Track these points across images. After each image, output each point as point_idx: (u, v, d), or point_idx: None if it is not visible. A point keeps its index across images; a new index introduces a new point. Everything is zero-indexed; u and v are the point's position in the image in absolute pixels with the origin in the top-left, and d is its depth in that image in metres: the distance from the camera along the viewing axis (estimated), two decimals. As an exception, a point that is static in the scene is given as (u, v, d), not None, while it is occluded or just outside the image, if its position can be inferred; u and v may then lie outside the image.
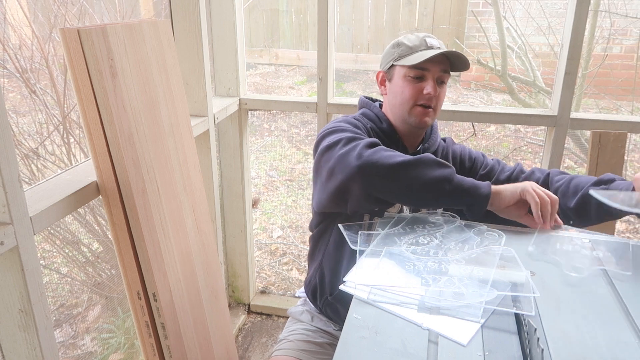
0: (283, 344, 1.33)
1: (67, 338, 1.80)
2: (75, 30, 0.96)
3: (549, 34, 3.47)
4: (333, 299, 1.29)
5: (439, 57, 1.19)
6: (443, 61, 1.21)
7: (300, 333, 1.34)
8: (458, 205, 1.05)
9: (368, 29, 5.31)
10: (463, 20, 4.82)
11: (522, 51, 3.11)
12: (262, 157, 4.04)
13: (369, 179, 1.03)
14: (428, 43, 1.21)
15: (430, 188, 1.02)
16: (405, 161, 1.02)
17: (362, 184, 1.03)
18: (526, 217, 1.06)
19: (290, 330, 1.36)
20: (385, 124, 1.27)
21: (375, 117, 1.28)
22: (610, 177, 1.13)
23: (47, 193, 1.01)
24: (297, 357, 1.27)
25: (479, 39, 4.66)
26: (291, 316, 1.43)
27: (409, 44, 1.22)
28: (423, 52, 1.19)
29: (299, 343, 1.31)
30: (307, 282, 1.38)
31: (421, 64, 1.18)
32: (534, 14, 3.52)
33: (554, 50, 3.56)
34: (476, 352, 0.67)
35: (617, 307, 0.76)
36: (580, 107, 3.32)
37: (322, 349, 1.30)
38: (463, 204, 1.04)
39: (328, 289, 1.30)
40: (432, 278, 0.82)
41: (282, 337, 1.36)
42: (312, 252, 1.37)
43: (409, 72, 1.21)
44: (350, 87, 5.00)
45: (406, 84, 1.21)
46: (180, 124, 1.31)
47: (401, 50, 1.23)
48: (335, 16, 1.81)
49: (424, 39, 1.22)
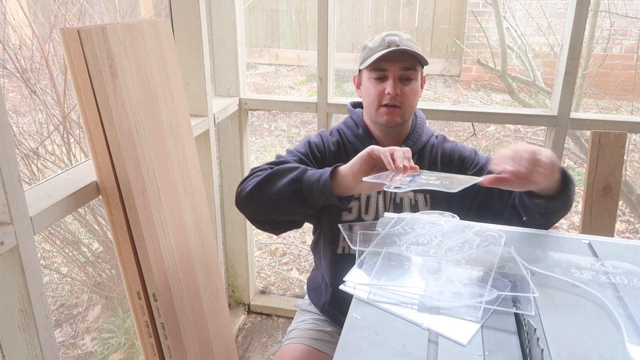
0: (293, 333, 1.33)
1: (67, 338, 1.80)
2: (76, 30, 0.96)
3: (549, 34, 3.47)
4: (329, 306, 1.30)
5: (398, 55, 1.18)
6: (404, 58, 1.20)
7: (310, 322, 1.34)
8: (318, 199, 1.04)
9: (368, 29, 5.30)
10: (463, 20, 4.82)
11: (522, 51, 3.11)
12: (262, 157, 4.04)
13: (243, 209, 1.14)
14: (387, 42, 1.20)
15: (287, 195, 1.05)
16: (258, 181, 1.08)
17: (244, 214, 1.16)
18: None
19: (300, 321, 1.36)
20: (362, 129, 1.28)
21: (354, 124, 1.30)
22: None
23: (47, 193, 1.01)
24: (308, 345, 1.27)
25: (479, 39, 4.66)
26: (299, 308, 1.43)
27: (370, 46, 1.23)
28: (379, 53, 1.19)
29: (310, 332, 1.31)
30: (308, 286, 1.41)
31: (376, 65, 1.19)
32: (534, 14, 3.52)
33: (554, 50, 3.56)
34: (476, 352, 0.67)
35: (617, 307, 0.76)
36: (580, 107, 3.32)
37: (332, 338, 1.30)
38: (320, 195, 1.02)
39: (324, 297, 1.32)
40: (432, 278, 0.82)
41: (292, 328, 1.36)
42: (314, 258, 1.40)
43: (371, 74, 1.22)
44: (350, 87, 5.00)
45: (370, 86, 1.22)
46: (180, 124, 1.31)
47: (364, 53, 1.24)
48: (335, 16, 1.81)
49: (384, 38, 1.21)
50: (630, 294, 0.79)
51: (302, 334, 1.30)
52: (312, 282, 1.39)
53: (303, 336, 1.30)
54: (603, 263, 0.90)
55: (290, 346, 1.28)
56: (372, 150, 0.98)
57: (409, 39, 1.23)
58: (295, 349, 1.26)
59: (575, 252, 0.94)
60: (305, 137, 1.30)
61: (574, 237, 1.01)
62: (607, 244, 0.98)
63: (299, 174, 1.05)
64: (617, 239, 1.01)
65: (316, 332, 1.31)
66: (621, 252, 0.94)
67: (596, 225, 1.73)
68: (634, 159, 3.76)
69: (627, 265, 0.89)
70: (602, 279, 0.84)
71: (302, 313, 1.40)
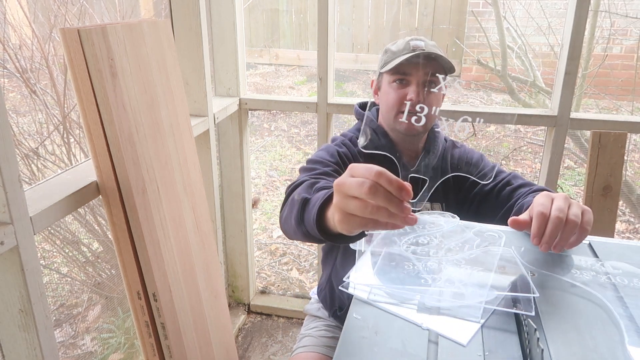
0: (306, 341, 1.30)
1: (67, 338, 1.80)
2: (76, 30, 0.96)
3: (549, 34, 3.47)
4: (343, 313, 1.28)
5: (423, 59, 1.14)
6: (429, 64, 1.16)
7: (322, 329, 1.32)
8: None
9: (368, 29, 5.31)
10: (463, 20, 4.82)
11: (522, 51, 3.11)
12: (262, 157, 4.04)
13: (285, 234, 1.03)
14: (412, 46, 1.16)
15: (302, 236, 0.92)
16: (280, 216, 1.00)
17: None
18: None
19: (311, 327, 1.34)
20: (384, 139, 1.22)
21: (376, 136, 1.23)
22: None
23: (47, 193, 1.01)
24: (322, 354, 1.25)
25: (479, 39, 4.66)
26: (308, 314, 1.41)
27: (393, 49, 1.19)
28: (403, 56, 1.15)
29: (323, 339, 1.29)
30: (319, 289, 1.38)
31: (399, 68, 1.15)
32: (534, 14, 3.52)
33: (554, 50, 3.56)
34: (476, 352, 0.67)
35: (617, 307, 0.76)
36: (580, 107, 3.32)
37: None
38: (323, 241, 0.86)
39: (337, 302, 1.29)
40: (432, 278, 0.82)
41: (304, 334, 1.33)
42: (324, 261, 1.36)
43: (392, 77, 1.17)
44: (350, 87, 5.00)
45: (391, 90, 1.18)
46: (180, 124, 1.31)
47: (387, 56, 1.20)
48: (335, 16, 1.81)
49: (409, 42, 1.18)
50: (630, 294, 0.79)
51: (315, 342, 1.28)
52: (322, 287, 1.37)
53: (317, 344, 1.28)
54: (603, 263, 0.90)
55: (305, 354, 1.26)
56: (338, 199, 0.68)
57: (434, 45, 1.20)
58: (309, 357, 1.25)
59: (576, 252, 0.94)
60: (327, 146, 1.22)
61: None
62: (607, 244, 0.98)
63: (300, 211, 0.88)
64: (617, 239, 1.01)
65: (329, 339, 1.29)
66: (621, 252, 0.94)
67: (596, 225, 1.72)
68: (634, 159, 3.76)
69: (627, 265, 0.89)
70: (602, 279, 0.84)
71: (313, 319, 1.37)
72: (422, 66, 1.16)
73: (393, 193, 0.62)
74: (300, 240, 1.03)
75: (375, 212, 0.63)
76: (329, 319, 1.35)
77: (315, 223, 0.80)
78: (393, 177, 0.63)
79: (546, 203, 0.87)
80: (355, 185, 0.63)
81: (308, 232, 0.86)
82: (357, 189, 0.63)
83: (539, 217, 0.85)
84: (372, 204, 0.63)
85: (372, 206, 0.63)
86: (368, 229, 0.68)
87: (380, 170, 0.63)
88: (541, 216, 0.85)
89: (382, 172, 0.63)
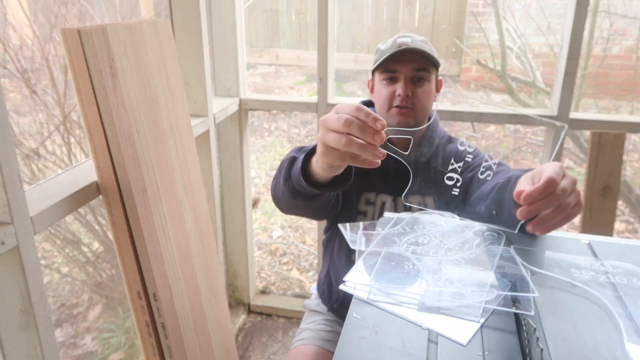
0: (304, 334, 1.32)
1: (68, 338, 1.80)
2: (76, 31, 0.96)
3: (549, 34, 3.48)
4: (339, 305, 1.30)
5: (408, 55, 1.17)
6: (415, 59, 1.18)
7: (321, 323, 1.33)
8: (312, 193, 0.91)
9: (368, 29, 5.30)
10: (463, 20, 4.82)
11: (522, 51, 3.11)
12: (262, 157, 4.04)
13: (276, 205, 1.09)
14: (397, 43, 1.19)
15: (289, 195, 0.96)
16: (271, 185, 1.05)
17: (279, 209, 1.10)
18: None
19: (310, 321, 1.36)
20: None
21: None
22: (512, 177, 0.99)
23: (47, 193, 1.01)
24: (320, 347, 1.26)
25: (478, 39, 4.66)
26: (307, 309, 1.42)
27: (382, 48, 1.22)
28: (389, 53, 1.18)
29: (321, 333, 1.30)
30: (319, 284, 1.39)
31: (387, 66, 1.18)
32: (534, 15, 3.52)
33: (553, 51, 3.56)
34: (476, 352, 0.67)
35: (617, 306, 0.76)
36: (580, 107, 3.32)
37: None
38: (308, 190, 0.90)
39: (335, 296, 1.31)
40: (431, 278, 0.82)
41: (303, 328, 1.35)
42: (323, 256, 1.38)
43: (382, 75, 1.21)
44: (350, 87, 5.00)
45: (382, 88, 1.22)
46: (180, 124, 1.31)
47: (377, 55, 1.24)
48: (335, 16, 1.81)
49: (396, 39, 1.21)
50: (629, 293, 0.79)
51: (314, 335, 1.30)
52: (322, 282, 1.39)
53: (315, 337, 1.29)
54: (602, 263, 0.90)
55: (303, 347, 1.27)
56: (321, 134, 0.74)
57: (422, 40, 1.22)
58: (307, 350, 1.26)
59: (575, 252, 0.94)
60: None
61: (573, 237, 1.01)
62: (606, 244, 0.98)
63: (288, 167, 0.93)
64: (616, 238, 1.01)
65: (327, 332, 1.31)
66: (621, 252, 0.94)
67: (596, 225, 1.73)
68: (634, 159, 3.76)
69: (627, 265, 0.89)
70: (602, 278, 0.84)
71: (312, 313, 1.39)
72: (408, 61, 1.19)
73: (369, 123, 0.69)
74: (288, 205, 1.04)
75: (349, 144, 0.70)
76: (327, 313, 1.36)
77: (301, 171, 0.87)
78: (370, 111, 0.70)
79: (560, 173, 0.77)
80: (335, 119, 0.71)
81: (294, 188, 0.92)
82: (336, 122, 0.71)
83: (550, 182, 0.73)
84: (347, 137, 0.70)
85: (347, 138, 0.70)
86: (345, 163, 0.75)
87: (359, 105, 0.71)
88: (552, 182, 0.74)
89: (360, 107, 0.70)
